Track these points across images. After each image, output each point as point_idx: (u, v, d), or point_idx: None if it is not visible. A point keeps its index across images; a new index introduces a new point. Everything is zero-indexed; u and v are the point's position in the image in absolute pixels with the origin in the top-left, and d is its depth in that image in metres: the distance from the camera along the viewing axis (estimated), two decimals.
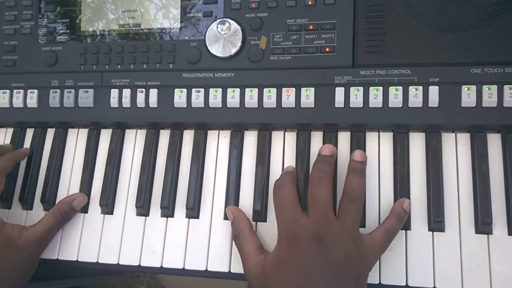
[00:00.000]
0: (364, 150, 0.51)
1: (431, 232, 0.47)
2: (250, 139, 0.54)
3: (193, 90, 0.54)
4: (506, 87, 0.47)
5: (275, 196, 0.48)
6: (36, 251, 0.54)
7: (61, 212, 0.54)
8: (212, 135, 0.55)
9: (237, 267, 0.50)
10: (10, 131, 0.61)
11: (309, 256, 0.42)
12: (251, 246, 0.48)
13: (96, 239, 0.54)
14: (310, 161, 0.52)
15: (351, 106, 0.50)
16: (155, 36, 0.56)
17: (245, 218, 0.50)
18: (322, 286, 0.42)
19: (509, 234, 0.46)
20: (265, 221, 0.51)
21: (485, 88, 0.48)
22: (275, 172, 0.52)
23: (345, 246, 0.43)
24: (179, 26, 0.55)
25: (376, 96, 0.50)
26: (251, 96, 0.53)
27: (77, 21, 0.58)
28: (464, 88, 0.48)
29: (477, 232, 0.47)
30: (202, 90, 0.54)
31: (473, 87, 0.48)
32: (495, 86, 0.48)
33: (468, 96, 0.48)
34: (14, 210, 0.57)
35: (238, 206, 0.52)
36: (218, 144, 0.55)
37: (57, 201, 0.56)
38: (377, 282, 0.47)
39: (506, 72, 0.48)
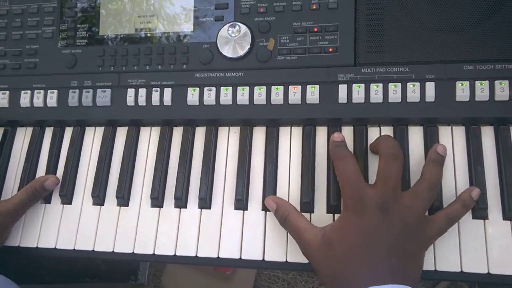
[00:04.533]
0: (367, 144, 0.54)
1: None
2: (259, 135, 0.58)
3: (205, 88, 0.58)
4: (497, 82, 0.51)
5: (338, 167, 0.50)
6: (7, 222, 0.58)
7: (32, 189, 0.58)
8: (222, 131, 0.59)
9: (248, 255, 0.53)
10: (30, 130, 0.64)
11: (373, 223, 0.46)
12: (304, 221, 0.50)
13: (112, 230, 0.57)
14: (316, 154, 0.55)
15: (353, 101, 0.54)
16: (170, 39, 0.60)
17: (287, 202, 0.52)
18: (382, 252, 0.45)
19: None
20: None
21: (477, 83, 0.51)
22: (283, 164, 0.56)
23: (408, 221, 0.46)
24: (192, 29, 0.59)
25: (376, 92, 0.53)
26: (260, 94, 0.56)
27: (96, 26, 0.62)
28: (458, 84, 0.52)
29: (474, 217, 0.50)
30: (213, 88, 0.57)
31: (467, 83, 0.52)
32: (487, 82, 0.51)
33: (462, 91, 0.52)
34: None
35: (248, 197, 0.55)
36: (229, 139, 0.58)
37: (74, 195, 0.59)
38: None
39: (496, 68, 0.51)
